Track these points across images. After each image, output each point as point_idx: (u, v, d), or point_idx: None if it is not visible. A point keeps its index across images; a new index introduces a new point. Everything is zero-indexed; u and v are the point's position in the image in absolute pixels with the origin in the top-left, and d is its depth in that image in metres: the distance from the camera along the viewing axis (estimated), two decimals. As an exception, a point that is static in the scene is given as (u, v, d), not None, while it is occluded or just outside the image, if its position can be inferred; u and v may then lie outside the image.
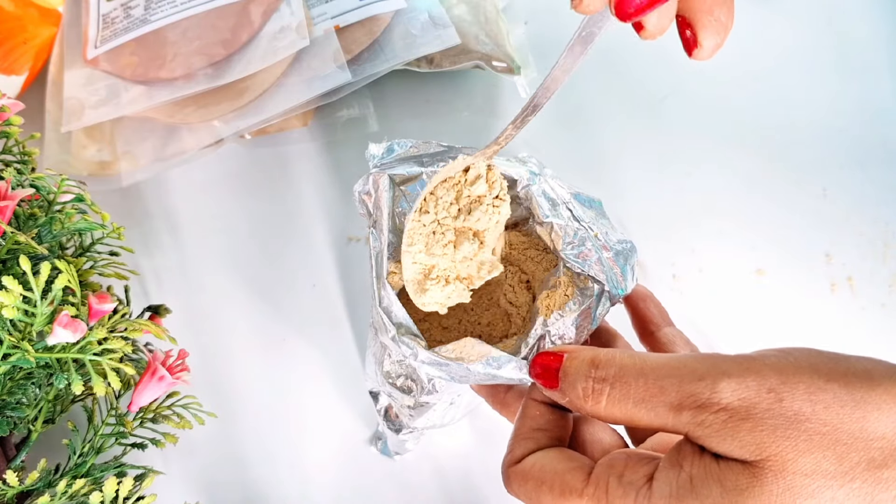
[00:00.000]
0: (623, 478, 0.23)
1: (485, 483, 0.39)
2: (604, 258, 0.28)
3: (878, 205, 0.45)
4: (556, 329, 0.27)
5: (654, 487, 0.22)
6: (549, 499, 0.24)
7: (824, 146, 0.46)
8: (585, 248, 0.28)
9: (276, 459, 0.39)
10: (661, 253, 0.43)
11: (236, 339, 0.42)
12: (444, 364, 0.26)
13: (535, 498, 0.24)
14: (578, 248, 0.28)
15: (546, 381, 0.25)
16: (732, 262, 0.43)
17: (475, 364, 0.26)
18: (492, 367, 0.26)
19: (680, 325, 0.41)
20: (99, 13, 0.45)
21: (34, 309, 0.28)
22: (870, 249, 0.44)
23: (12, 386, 0.31)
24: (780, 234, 0.44)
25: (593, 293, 0.27)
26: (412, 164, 0.30)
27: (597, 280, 0.27)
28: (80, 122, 0.43)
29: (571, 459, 0.25)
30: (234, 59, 0.43)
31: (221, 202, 0.45)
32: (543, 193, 0.29)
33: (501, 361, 0.26)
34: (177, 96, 0.42)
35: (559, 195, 0.30)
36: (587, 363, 0.24)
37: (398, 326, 0.27)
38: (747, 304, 0.42)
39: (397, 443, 0.37)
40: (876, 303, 0.42)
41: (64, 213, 0.33)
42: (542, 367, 0.25)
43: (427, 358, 0.26)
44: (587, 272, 0.28)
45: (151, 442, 0.34)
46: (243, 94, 0.43)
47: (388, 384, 0.30)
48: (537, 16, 0.51)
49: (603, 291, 0.28)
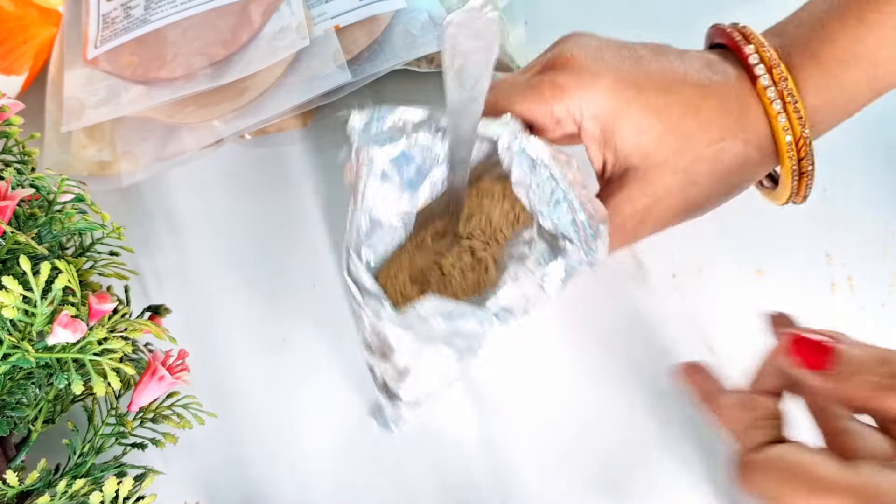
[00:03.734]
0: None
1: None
2: (578, 219, 0.29)
3: (878, 205, 0.45)
4: (524, 285, 0.27)
5: None
6: (799, 493, 0.23)
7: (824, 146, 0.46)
8: (560, 208, 0.28)
9: (276, 459, 0.39)
10: (661, 253, 0.43)
11: (236, 339, 0.42)
12: (407, 322, 0.27)
13: (781, 491, 0.23)
14: (553, 207, 0.28)
15: (812, 361, 0.25)
16: (732, 261, 0.43)
17: (437, 319, 0.26)
18: (453, 321, 0.26)
19: (680, 325, 0.42)
20: (99, 13, 0.45)
21: (34, 309, 0.28)
22: (870, 249, 0.44)
23: (12, 386, 0.31)
24: (780, 234, 0.44)
25: (565, 252, 0.28)
26: (395, 134, 0.30)
27: (569, 239, 0.28)
28: (80, 122, 0.43)
29: (822, 454, 0.24)
30: (234, 59, 0.43)
31: (221, 202, 0.45)
32: (524, 152, 0.30)
33: (464, 315, 0.26)
34: (177, 96, 0.42)
35: (539, 155, 0.30)
36: (876, 358, 0.24)
37: (364, 291, 0.28)
38: (747, 304, 0.42)
39: (394, 414, 0.37)
40: (876, 303, 0.42)
41: (64, 213, 0.33)
42: (809, 348, 0.25)
43: (390, 318, 0.27)
44: (560, 231, 0.28)
45: (151, 442, 0.34)
46: (243, 94, 0.43)
47: (368, 353, 0.30)
48: (537, 16, 0.51)
49: (574, 251, 0.28)
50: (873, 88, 0.30)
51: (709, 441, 0.39)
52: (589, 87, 0.30)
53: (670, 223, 0.32)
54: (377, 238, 0.32)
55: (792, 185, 0.32)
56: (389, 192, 0.31)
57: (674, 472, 0.38)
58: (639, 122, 0.30)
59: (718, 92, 0.30)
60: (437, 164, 0.31)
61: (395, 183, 0.31)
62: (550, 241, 0.29)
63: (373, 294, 0.28)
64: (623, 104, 0.30)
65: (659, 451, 0.39)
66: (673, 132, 0.30)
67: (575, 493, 0.38)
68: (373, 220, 0.31)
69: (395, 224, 0.33)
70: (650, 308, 0.42)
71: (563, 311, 0.42)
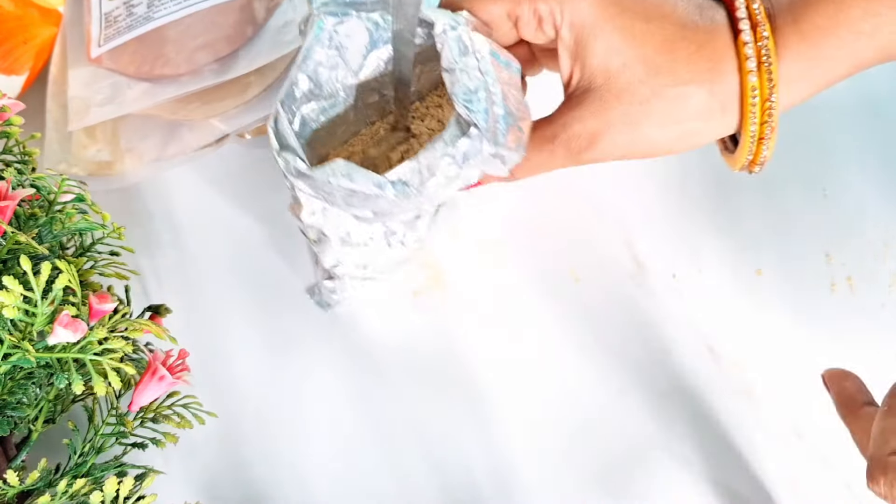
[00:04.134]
0: None
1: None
2: (494, 111, 0.29)
3: (878, 205, 0.45)
4: (421, 160, 0.28)
5: None
6: None
7: (824, 146, 0.46)
8: (478, 97, 0.29)
9: (276, 459, 0.39)
10: (661, 253, 0.43)
11: (237, 339, 0.42)
12: (309, 176, 0.29)
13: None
14: (472, 94, 0.29)
15: None
16: (732, 262, 0.43)
17: (338, 177, 0.28)
18: (351, 181, 0.28)
19: (680, 325, 0.42)
20: (101, 12, 0.45)
21: (35, 309, 0.28)
22: (870, 249, 0.44)
23: (13, 386, 0.31)
24: (780, 234, 0.44)
25: (469, 136, 0.28)
26: (348, 9, 0.32)
27: (475, 125, 0.28)
28: (85, 120, 0.43)
29: None
30: (239, 55, 0.43)
31: (222, 202, 0.45)
32: (458, 40, 0.30)
33: (363, 177, 0.28)
34: (183, 92, 0.42)
35: (475, 47, 0.30)
36: None
37: (284, 145, 0.30)
38: (747, 304, 0.42)
39: (327, 292, 0.40)
40: (876, 303, 0.42)
41: (64, 213, 0.33)
42: None
43: (296, 169, 0.29)
44: (471, 118, 0.29)
45: (152, 442, 0.34)
46: (247, 90, 0.43)
47: (292, 215, 0.33)
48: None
49: (478, 137, 0.29)
50: (853, 63, 0.30)
51: (709, 441, 0.39)
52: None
53: (616, 157, 0.32)
54: (318, 104, 0.34)
55: (749, 148, 0.31)
56: (333, 60, 0.33)
57: (674, 472, 0.39)
58: (612, 42, 0.29)
59: (700, 36, 0.29)
60: (384, 43, 0.33)
61: (341, 52, 0.33)
62: (463, 127, 0.29)
63: (290, 148, 0.30)
64: (602, 20, 0.29)
65: (659, 451, 0.39)
66: (643, 62, 0.29)
67: (575, 492, 0.38)
68: (314, 83, 0.33)
69: (338, 94, 0.34)
70: (650, 308, 0.42)
71: (563, 311, 0.42)
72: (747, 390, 0.40)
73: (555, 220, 0.44)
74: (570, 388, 0.40)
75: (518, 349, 0.41)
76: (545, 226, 0.44)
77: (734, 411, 0.40)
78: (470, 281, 0.43)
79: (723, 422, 0.39)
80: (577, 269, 0.43)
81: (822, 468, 0.39)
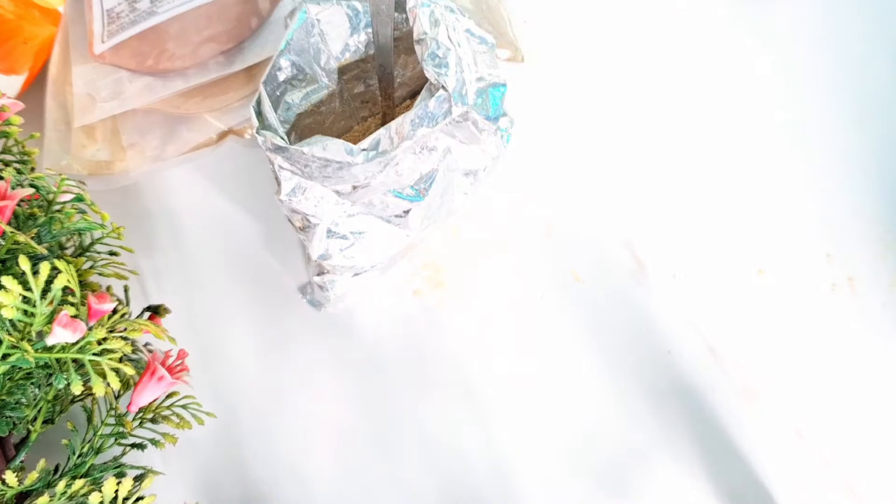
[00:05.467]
0: None
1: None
2: (463, 78, 0.30)
3: (878, 205, 0.45)
4: (396, 125, 0.29)
5: None
6: None
7: (824, 146, 0.46)
8: (446, 61, 0.30)
9: (276, 459, 0.39)
10: (661, 253, 0.43)
11: (236, 339, 0.42)
12: (285, 148, 0.29)
13: None
14: (440, 59, 0.30)
15: None
16: (732, 262, 0.43)
17: (313, 147, 0.29)
18: (325, 151, 0.29)
19: (680, 325, 0.42)
20: (103, 9, 0.45)
21: (34, 309, 0.28)
22: (870, 249, 0.44)
23: (12, 386, 0.31)
24: (780, 234, 0.44)
25: (437, 96, 0.29)
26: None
27: (444, 87, 0.29)
28: (91, 116, 0.43)
29: None
30: (245, 47, 0.43)
31: (221, 202, 0.45)
32: (431, 14, 0.31)
33: (336, 146, 0.29)
34: (188, 86, 0.42)
35: (448, 21, 0.31)
36: None
37: (265, 123, 0.31)
38: (747, 303, 0.42)
39: (319, 291, 0.40)
40: (876, 303, 0.42)
41: (63, 212, 0.33)
42: None
43: (273, 144, 0.30)
44: (440, 81, 0.29)
45: (151, 442, 0.34)
46: (250, 83, 0.43)
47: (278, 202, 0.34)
48: (537, 15, 0.50)
49: (447, 97, 0.29)
50: None
51: (709, 441, 0.39)
52: None
53: None
54: (300, 89, 0.35)
55: None
56: (316, 45, 0.34)
57: (674, 472, 0.39)
58: None
59: None
60: (364, 28, 0.35)
61: (323, 38, 0.34)
62: (433, 92, 0.30)
63: (271, 127, 0.31)
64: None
65: (659, 451, 0.39)
66: None
67: (575, 492, 0.38)
68: (296, 68, 0.34)
69: (321, 79, 0.36)
70: (651, 308, 0.42)
71: (563, 311, 0.42)
72: (747, 390, 0.40)
73: (555, 220, 0.44)
74: (570, 387, 0.40)
75: (518, 349, 0.41)
76: (546, 226, 0.44)
77: (734, 411, 0.40)
78: (470, 281, 0.43)
79: (723, 422, 0.39)
80: (578, 269, 0.43)
81: (822, 468, 0.39)
